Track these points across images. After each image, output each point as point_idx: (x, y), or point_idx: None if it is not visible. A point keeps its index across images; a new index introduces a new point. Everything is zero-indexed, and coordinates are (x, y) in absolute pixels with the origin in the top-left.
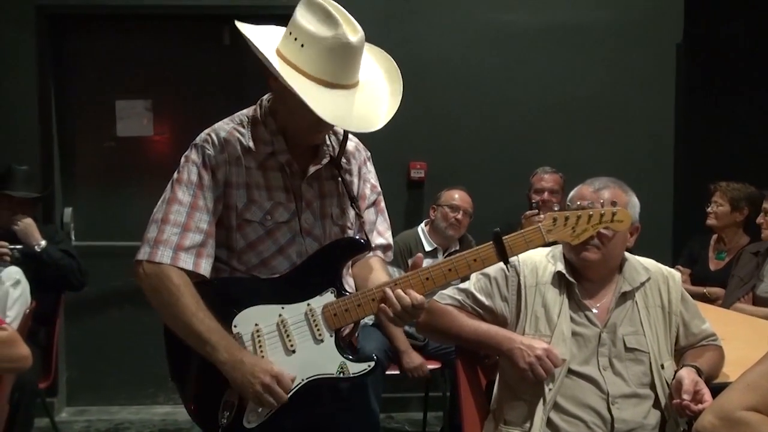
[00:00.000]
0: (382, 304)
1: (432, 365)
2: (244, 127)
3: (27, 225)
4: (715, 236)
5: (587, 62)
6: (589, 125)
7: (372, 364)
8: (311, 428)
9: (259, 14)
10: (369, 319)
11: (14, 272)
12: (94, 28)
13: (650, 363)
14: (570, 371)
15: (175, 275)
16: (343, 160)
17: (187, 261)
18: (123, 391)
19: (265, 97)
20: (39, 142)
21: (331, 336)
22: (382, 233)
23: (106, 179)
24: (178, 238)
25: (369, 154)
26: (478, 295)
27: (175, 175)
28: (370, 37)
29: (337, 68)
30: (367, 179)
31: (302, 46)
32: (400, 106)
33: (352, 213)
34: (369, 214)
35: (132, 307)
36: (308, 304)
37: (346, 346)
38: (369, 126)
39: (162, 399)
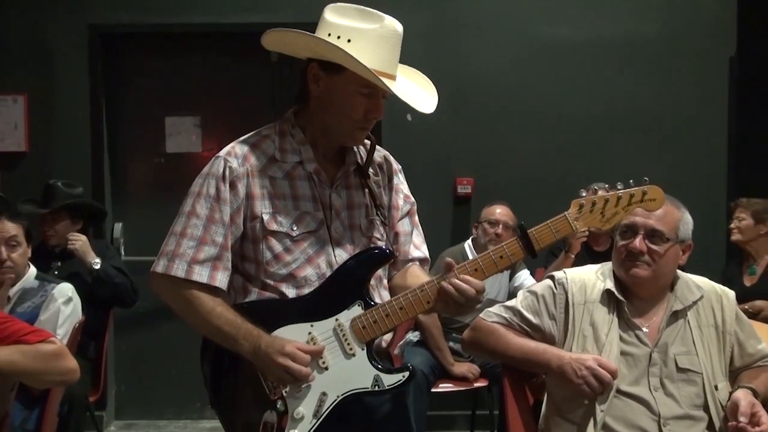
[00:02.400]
0: (446, 289)
1: (479, 383)
2: (270, 138)
3: (82, 243)
4: (743, 254)
5: (638, 76)
6: (640, 140)
7: (407, 374)
8: None
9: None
10: (414, 336)
11: (66, 289)
12: (144, 46)
13: (703, 384)
14: (619, 392)
15: (193, 290)
16: (371, 170)
17: (201, 274)
18: (170, 405)
19: (290, 110)
20: (90, 158)
21: (363, 349)
22: (418, 246)
23: (155, 195)
24: (194, 251)
25: (400, 166)
26: (526, 313)
27: (195, 188)
28: (418, 51)
29: (387, 56)
30: (399, 189)
31: (349, 41)
32: (449, 121)
33: (382, 226)
34: (404, 225)
35: (180, 322)
36: (336, 320)
37: (383, 358)
38: (429, 107)
39: (209, 414)
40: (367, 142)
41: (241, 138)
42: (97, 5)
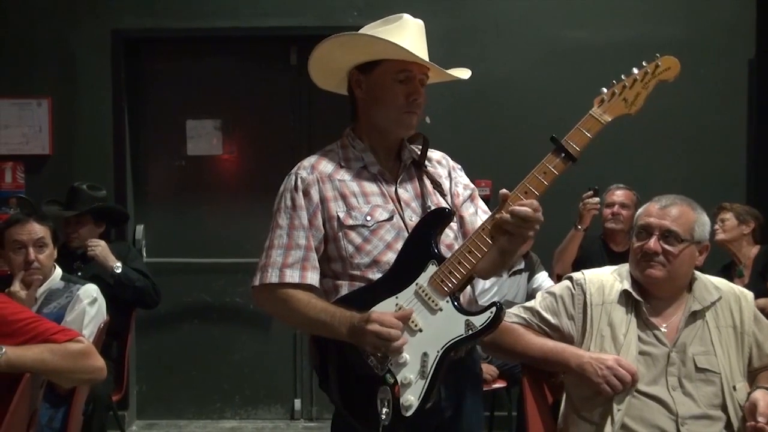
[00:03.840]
0: (503, 218)
1: (497, 384)
2: (334, 152)
3: (102, 249)
4: (729, 262)
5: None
6: (660, 143)
7: (494, 309)
8: (460, 408)
9: (325, 35)
10: None
11: (92, 290)
12: (166, 51)
13: (722, 384)
14: (637, 391)
15: (288, 290)
16: (429, 166)
17: (293, 276)
18: (191, 405)
19: (348, 128)
20: (113, 160)
21: (447, 302)
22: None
23: (176, 197)
24: (282, 257)
25: (459, 165)
26: (545, 314)
27: (275, 206)
28: (438, 55)
29: (415, 41)
30: (458, 181)
31: (378, 41)
32: (467, 123)
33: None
34: (467, 208)
35: (201, 322)
36: (417, 284)
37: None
38: (464, 73)
39: (229, 414)
40: (418, 144)
41: (311, 156)
42: (121, 11)
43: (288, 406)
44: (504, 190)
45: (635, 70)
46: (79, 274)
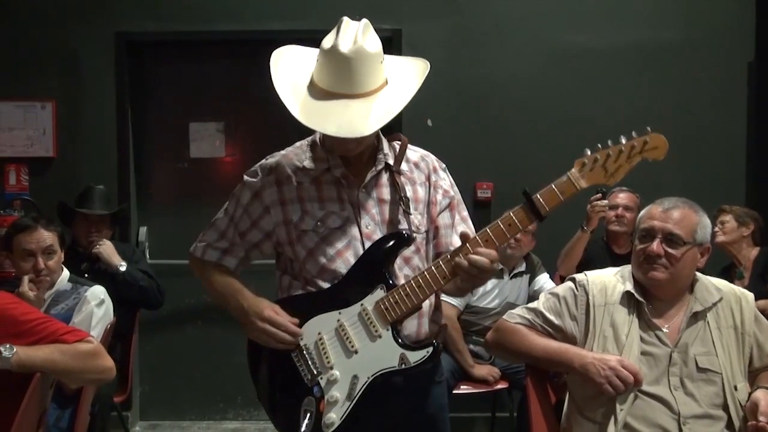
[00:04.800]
0: (460, 263)
1: (499, 386)
2: (302, 149)
3: (107, 247)
4: (729, 264)
5: (658, 82)
6: None
7: (430, 349)
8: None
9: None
10: None
11: (99, 292)
12: (169, 53)
13: (723, 384)
14: (640, 391)
15: (206, 262)
16: (406, 168)
17: (212, 255)
18: (194, 406)
19: None
20: (116, 162)
21: (388, 330)
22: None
23: (179, 199)
24: (214, 239)
25: (443, 165)
26: (548, 315)
27: (234, 189)
28: (441, 59)
29: (334, 77)
30: (438, 186)
31: (317, 60)
32: (468, 126)
33: (419, 218)
34: (443, 218)
35: (204, 324)
36: (361, 305)
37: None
38: (351, 132)
39: (231, 415)
40: (397, 143)
41: (276, 153)
42: (124, 14)
43: None
44: (465, 231)
45: (623, 140)
46: (87, 275)
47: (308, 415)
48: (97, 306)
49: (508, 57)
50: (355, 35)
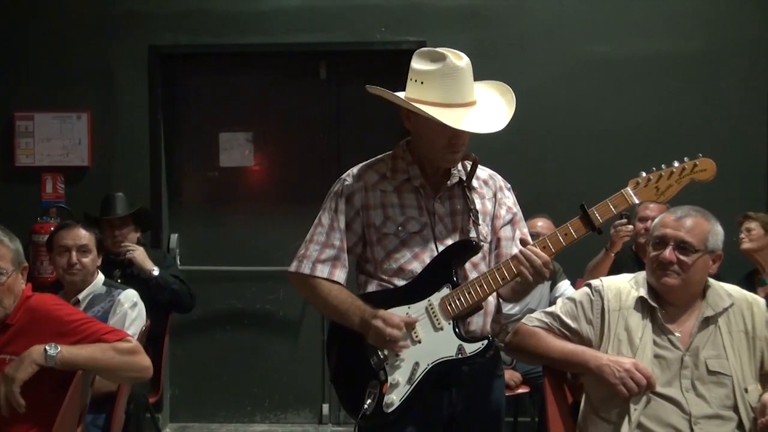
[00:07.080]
0: (518, 257)
1: (520, 390)
2: (384, 161)
3: (140, 253)
4: (752, 270)
5: (679, 92)
6: (681, 155)
7: (485, 342)
8: (443, 418)
9: (353, 50)
10: None
11: (132, 295)
12: (200, 66)
13: (733, 386)
14: (653, 392)
15: (317, 279)
16: (476, 184)
17: (323, 271)
18: (222, 409)
19: (403, 141)
20: (149, 172)
21: (449, 323)
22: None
23: (209, 207)
24: (318, 253)
25: (509, 185)
26: (565, 318)
27: (323, 204)
28: None
29: (452, 90)
30: (503, 203)
31: (422, 83)
32: (492, 136)
33: (486, 229)
34: (505, 231)
35: (233, 328)
36: (428, 300)
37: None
38: (492, 128)
39: (259, 417)
40: (469, 163)
41: (361, 164)
42: (158, 28)
43: (316, 411)
44: (524, 237)
45: (675, 164)
46: (119, 280)
47: (372, 396)
48: (130, 308)
49: (532, 68)
50: (457, 53)
